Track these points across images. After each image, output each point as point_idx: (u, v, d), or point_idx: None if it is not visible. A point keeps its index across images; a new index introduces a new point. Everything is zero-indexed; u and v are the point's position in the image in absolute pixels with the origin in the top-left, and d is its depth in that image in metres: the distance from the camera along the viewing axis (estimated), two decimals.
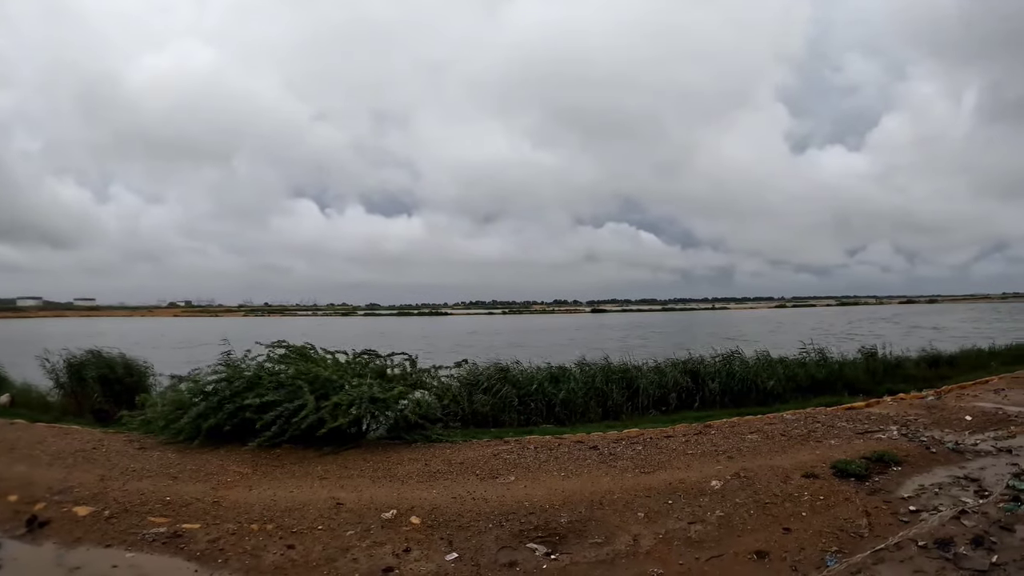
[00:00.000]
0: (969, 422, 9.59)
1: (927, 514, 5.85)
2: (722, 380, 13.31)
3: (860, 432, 9.03)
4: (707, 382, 13.21)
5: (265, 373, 9.03)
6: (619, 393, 12.43)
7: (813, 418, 10.18)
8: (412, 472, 7.41)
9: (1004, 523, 5.54)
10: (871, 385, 14.32)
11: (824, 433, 9.04)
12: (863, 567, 4.80)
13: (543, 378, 12.26)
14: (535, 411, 11.58)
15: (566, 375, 12.64)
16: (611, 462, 7.79)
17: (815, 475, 6.89)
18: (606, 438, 9.14)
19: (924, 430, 9.08)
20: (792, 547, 5.22)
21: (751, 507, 6.10)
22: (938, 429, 9.16)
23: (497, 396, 11.48)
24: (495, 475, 7.25)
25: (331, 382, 8.80)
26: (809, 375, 14.39)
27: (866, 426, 9.41)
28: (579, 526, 5.68)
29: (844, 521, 5.72)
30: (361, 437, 8.75)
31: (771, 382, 13.45)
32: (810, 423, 9.75)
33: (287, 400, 8.35)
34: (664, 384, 12.92)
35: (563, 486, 6.80)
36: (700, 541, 5.40)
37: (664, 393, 12.80)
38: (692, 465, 7.58)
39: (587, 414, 11.83)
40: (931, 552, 5.01)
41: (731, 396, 13.13)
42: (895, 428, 9.22)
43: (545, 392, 11.83)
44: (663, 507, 6.13)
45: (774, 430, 9.30)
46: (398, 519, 5.82)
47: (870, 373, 15.25)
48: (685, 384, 13.10)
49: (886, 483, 6.80)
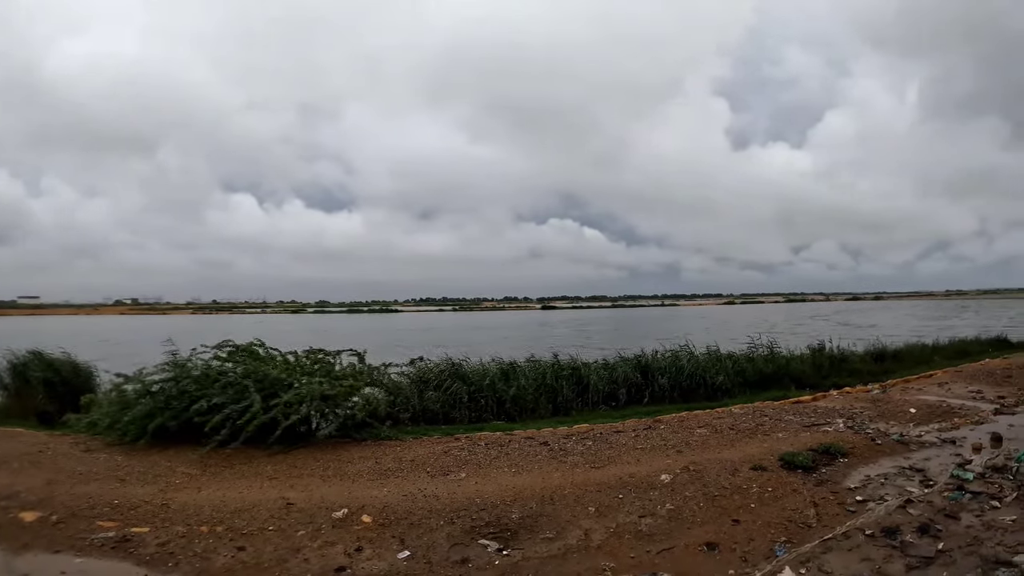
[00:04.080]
0: (914, 414, 9.98)
1: (874, 504, 6.06)
2: (671, 375, 13.61)
3: (807, 425, 9.30)
4: (656, 377, 13.49)
5: (212, 372, 8.99)
6: (569, 389, 12.63)
7: (761, 412, 10.45)
8: (363, 470, 7.43)
9: (949, 511, 5.78)
10: (818, 379, 14.84)
11: (772, 426, 9.28)
12: (812, 556, 4.94)
13: (494, 375, 12.36)
14: (486, 408, 11.67)
15: (516, 372, 12.73)
16: (561, 457, 7.87)
17: (763, 467, 7.07)
18: (556, 434, 9.22)
19: (870, 422, 9.41)
20: (742, 538, 5.35)
21: (701, 500, 6.22)
22: (883, 421, 9.51)
23: (448, 393, 11.52)
24: (446, 472, 7.31)
25: (280, 381, 8.80)
26: (757, 370, 14.86)
27: (813, 419, 9.70)
28: (530, 521, 5.74)
29: (792, 512, 5.89)
30: (311, 436, 8.73)
31: (720, 377, 13.81)
32: (758, 417, 10.00)
33: (234, 401, 8.30)
34: (614, 380, 13.17)
35: (514, 482, 6.86)
36: (651, 534, 5.49)
37: (614, 389, 13.06)
38: (642, 459, 7.70)
39: (537, 410, 11.97)
40: (878, 540, 5.19)
41: (680, 391, 13.42)
42: (841, 421, 9.52)
43: (496, 389, 11.91)
44: (614, 501, 6.22)
45: (723, 424, 9.50)
46: (349, 518, 5.82)
47: (817, 368, 15.80)
48: (635, 379, 13.39)
49: (833, 474, 7.02)
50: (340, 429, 8.83)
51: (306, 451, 8.23)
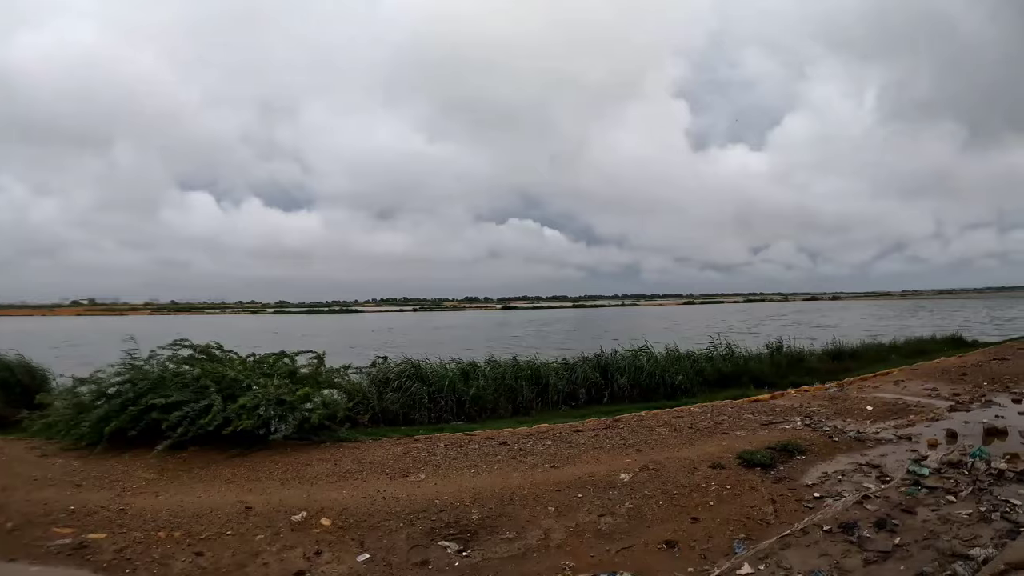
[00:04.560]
0: (870, 412, 10.14)
1: (831, 500, 6.11)
2: (631, 375, 13.71)
3: (765, 423, 9.40)
4: (616, 377, 13.59)
5: (170, 374, 8.88)
6: (529, 389, 12.63)
7: (720, 411, 10.53)
8: (322, 473, 7.38)
9: (905, 506, 5.86)
10: (776, 378, 15.02)
11: (730, 425, 9.36)
12: (770, 552, 4.96)
13: (453, 375, 12.32)
14: (446, 408, 11.63)
15: (476, 372, 12.72)
16: (521, 458, 7.84)
17: (722, 465, 7.10)
18: (516, 434, 9.20)
19: (827, 420, 9.53)
20: (701, 536, 5.35)
21: (660, 498, 6.21)
22: (841, 419, 9.63)
23: (407, 394, 11.43)
24: (405, 473, 7.28)
25: (237, 383, 8.74)
26: (716, 369, 15.04)
27: (771, 417, 9.80)
28: (490, 522, 5.73)
29: (751, 509, 5.92)
30: (269, 438, 8.66)
31: (679, 377, 13.94)
32: (717, 415, 10.07)
33: (193, 400, 8.22)
34: (574, 380, 13.25)
35: (474, 483, 6.85)
36: (610, 533, 5.48)
37: (574, 388, 13.13)
38: (601, 459, 7.69)
39: (497, 410, 11.99)
40: (836, 536, 5.23)
41: (640, 390, 13.52)
42: (799, 419, 9.62)
43: (456, 389, 11.88)
44: (573, 501, 6.20)
45: (682, 423, 9.55)
46: (308, 521, 5.77)
47: (775, 367, 16.01)
48: (594, 379, 13.48)
49: (791, 471, 7.07)
50: (299, 431, 8.74)
51: (264, 454, 8.13)
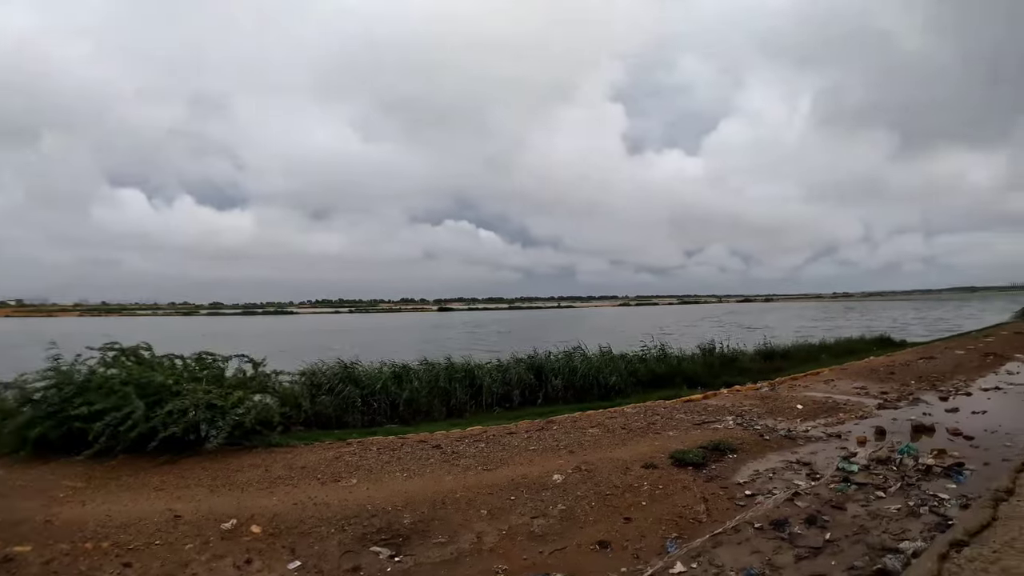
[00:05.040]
0: (801, 410, 10.36)
1: (762, 497, 6.16)
2: (565, 376, 13.78)
3: (698, 423, 9.48)
4: (550, 378, 13.64)
5: (97, 378, 8.59)
6: (463, 391, 12.62)
7: (653, 411, 10.59)
8: (252, 479, 7.20)
9: (835, 503, 5.94)
10: (709, 378, 15.32)
11: (663, 425, 9.41)
12: (702, 551, 4.94)
13: (387, 377, 12.19)
14: (379, 411, 11.51)
15: (410, 374, 12.63)
16: (454, 460, 7.76)
17: (654, 465, 7.11)
18: (449, 436, 9.12)
19: (759, 419, 9.68)
20: (633, 536, 5.33)
21: (592, 499, 6.18)
22: (772, 418, 9.80)
23: (340, 397, 11.27)
24: (337, 478, 7.16)
25: (166, 387, 8.49)
26: (650, 370, 15.26)
27: (703, 417, 9.90)
28: (422, 526, 5.66)
29: (683, 508, 5.92)
30: (199, 444, 8.45)
31: (613, 377, 14.08)
32: (650, 415, 10.13)
33: (115, 408, 7.93)
34: (508, 381, 13.24)
35: (406, 487, 6.76)
36: (543, 535, 5.42)
37: (508, 390, 13.12)
38: (535, 460, 7.64)
39: (431, 413, 11.92)
40: (767, 533, 5.26)
41: (574, 391, 13.60)
42: (731, 418, 9.75)
43: (389, 392, 11.77)
44: (506, 503, 6.13)
45: (615, 423, 9.56)
46: (238, 529, 5.62)
47: (708, 367, 16.38)
48: (528, 381, 13.49)
49: (722, 470, 7.13)
50: (229, 437, 8.50)
51: (194, 460, 7.94)
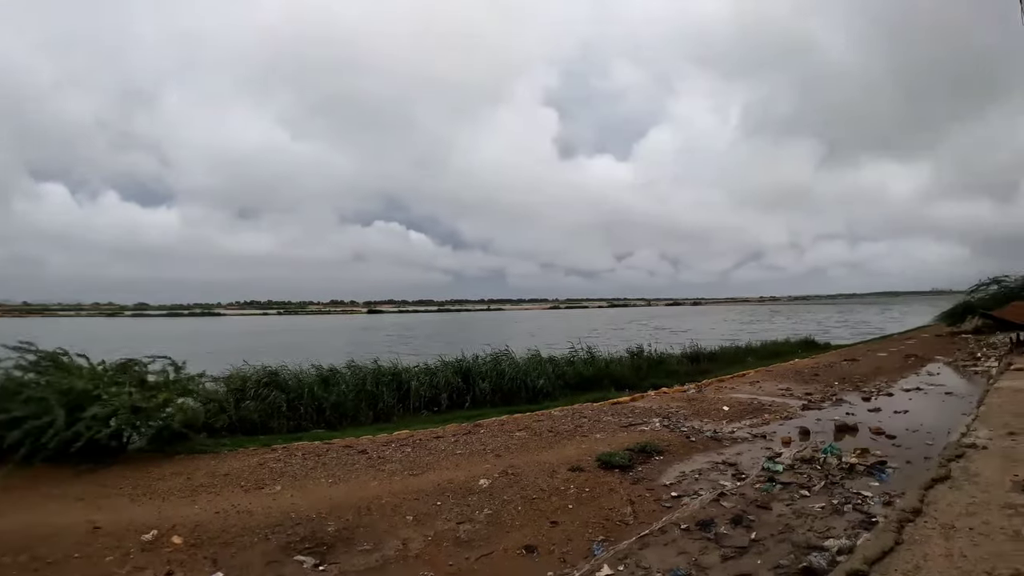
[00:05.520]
0: (727, 412, 10.56)
1: (688, 498, 6.21)
2: (492, 380, 13.73)
3: (625, 425, 9.54)
4: (478, 382, 13.57)
5: (12, 383, 8.29)
6: (390, 395, 12.44)
7: (580, 413, 10.63)
8: (174, 487, 6.98)
9: (761, 502, 6.03)
10: (637, 380, 15.55)
11: (591, 427, 9.43)
12: (629, 553, 4.93)
13: (313, 381, 11.95)
14: (305, 416, 11.24)
15: (337, 378, 12.42)
16: (380, 466, 7.62)
17: (581, 468, 7.09)
18: (376, 441, 8.96)
19: (685, 421, 9.80)
20: (560, 539, 5.29)
21: (519, 503, 6.12)
22: (698, 419, 9.95)
23: (266, 402, 10.94)
24: (261, 486, 6.99)
25: (87, 392, 8.18)
26: (577, 373, 15.35)
27: (630, 419, 9.97)
28: (347, 534, 5.55)
29: (609, 511, 5.93)
30: (122, 451, 8.24)
31: (541, 380, 14.09)
32: (577, 418, 10.15)
33: (35, 416, 7.63)
34: (435, 385, 13.12)
35: (331, 493, 6.63)
36: (469, 540, 5.35)
37: (436, 393, 13.00)
38: (461, 465, 7.56)
39: (358, 417, 11.70)
40: (693, 533, 5.29)
41: (502, 395, 13.56)
42: (658, 420, 9.85)
43: (315, 396, 11.52)
44: (432, 509, 6.04)
45: (542, 427, 9.54)
46: (159, 540, 5.41)
47: (636, 369, 16.61)
48: (456, 384, 13.40)
49: (649, 472, 7.17)
50: (152, 443, 8.36)
51: (116, 468, 7.67)
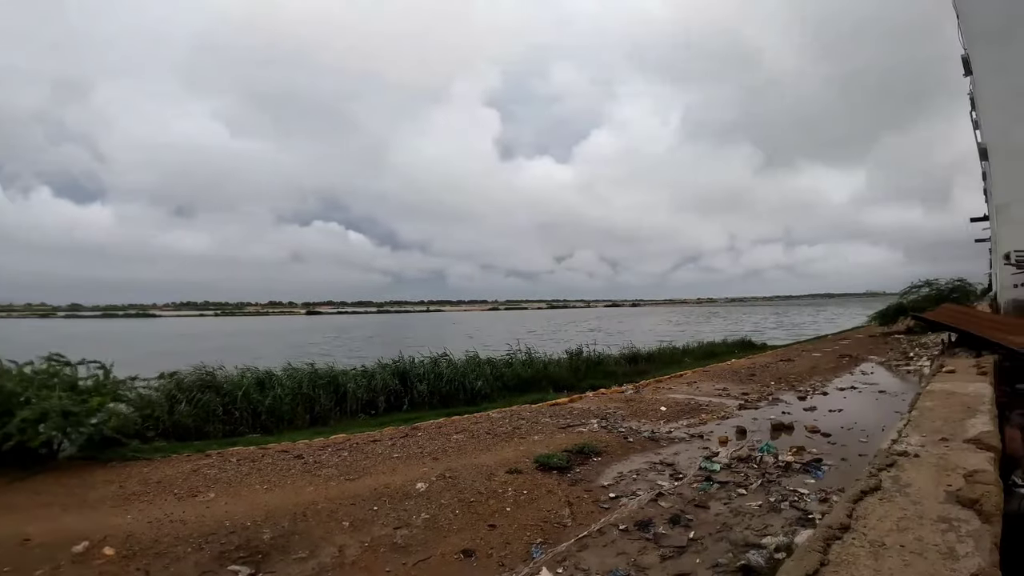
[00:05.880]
0: (664, 412, 10.67)
1: (627, 499, 6.25)
2: (431, 381, 13.69)
3: (563, 426, 9.57)
4: (416, 384, 13.51)
5: None
6: (327, 398, 12.28)
7: (518, 415, 10.63)
8: (106, 496, 6.79)
9: (698, 502, 6.11)
10: (575, 381, 15.70)
11: (529, 429, 9.43)
12: (568, 555, 4.92)
13: (249, 385, 11.71)
14: (241, 420, 11.02)
15: (273, 381, 12.22)
16: (316, 471, 7.49)
17: (519, 470, 7.08)
18: (312, 446, 8.83)
19: (623, 421, 9.89)
20: (498, 543, 5.26)
21: (457, 507, 6.07)
22: (636, 420, 10.04)
23: (200, 406, 10.70)
24: (195, 493, 6.83)
25: (15, 395, 8.03)
26: (516, 374, 15.40)
27: (568, 420, 10.01)
28: (282, 541, 5.42)
29: (548, 513, 5.92)
30: (52, 458, 8.08)
31: (479, 382, 14.13)
32: (515, 420, 10.14)
33: None
34: (373, 387, 13.03)
35: (266, 500, 6.48)
36: (406, 546, 5.28)
37: (373, 396, 12.91)
38: (398, 468, 7.48)
39: (295, 421, 11.55)
40: (632, 534, 5.31)
41: (440, 397, 13.54)
42: (596, 421, 9.90)
43: (251, 400, 11.30)
44: (369, 514, 5.95)
45: (480, 429, 9.51)
46: (91, 551, 5.24)
47: (574, 371, 16.77)
48: (394, 386, 13.33)
49: (587, 473, 7.20)
50: (83, 449, 8.17)
51: (47, 475, 7.48)
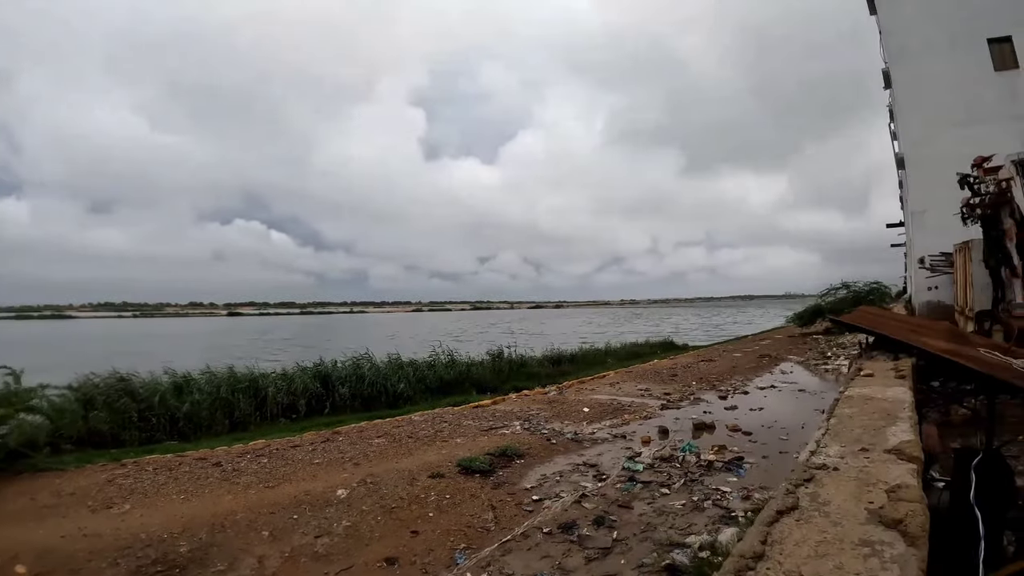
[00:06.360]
0: (587, 413, 10.82)
1: (550, 501, 6.31)
2: (352, 384, 13.51)
3: (486, 429, 9.60)
4: (337, 387, 13.32)
5: None
6: (246, 402, 11.97)
7: (441, 418, 10.59)
8: (17, 510, 6.46)
9: (622, 502, 6.22)
10: (498, 383, 15.79)
11: (451, 432, 9.41)
12: (492, 560, 4.94)
13: (166, 390, 11.32)
14: (158, 427, 10.62)
15: (191, 385, 11.85)
16: (235, 478, 7.29)
17: (441, 475, 7.05)
18: (231, 452, 8.57)
19: (546, 423, 9.97)
20: (421, 550, 5.23)
21: (378, 513, 6.01)
22: (559, 421, 10.14)
23: (116, 412, 10.26)
24: (110, 505, 6.54)
25: None
26: (438, 376, 15.31)
27: (491, 423, 10.05)
28: (200, 554, 5.27)
29: (471, 517, 5.93)
30: None
31: (401, 385, 14.01)
32: (438, 423, 10.11)
33: None
34: (293, 391, 12.77)
35: (183, 510, 6.27)
36: (328, 555, 5.20)
37: (294, 400, 12.66)
38: (318, 475, 7.34)
39: (214, 426, 11.22)
40: (556, 537, 5.37)
41: (362, 400, 13.39)
42: (519, 423, 9.97)
43: (168, 405, 10.91)
44: (288, 523, 5.82)
45: (402, 432, 9.43)
46: (2, 570, 5.03)
47: (497, 372, 16.82)
48: (315, 390, 13.11)
49: (510, 476, 7.24)
50: None
51: None
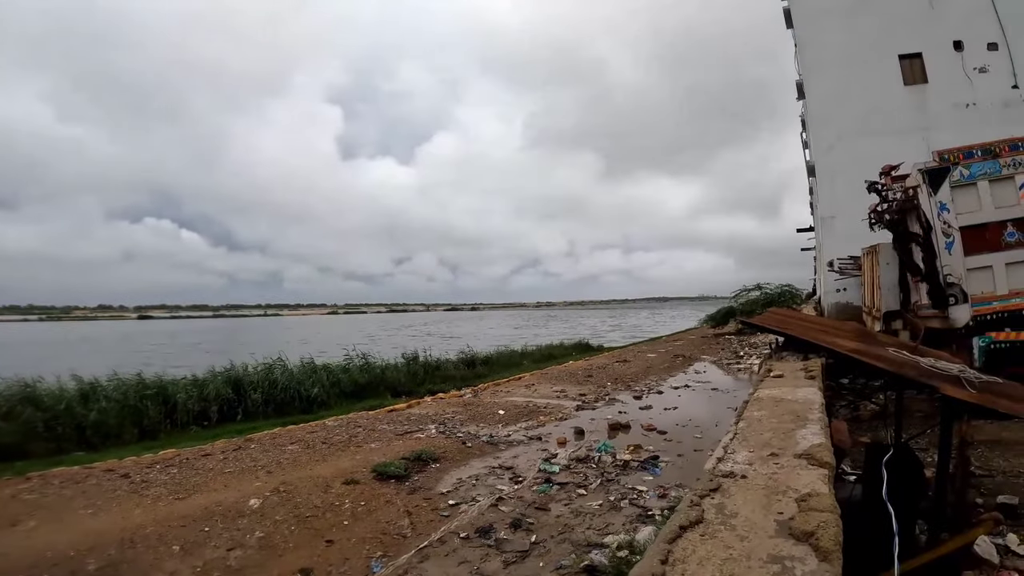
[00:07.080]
0: (503, 415, 10.96)
1: (467, 505, 6.41)
2: (265, 389, 13.30)
3: (401, 433, 9.61)
4: (250, 392, 13.08)
5: None
6: (156, 410, 11.59)
7: (355, 423, 10.55)
8: None
9: (539, 504, 6.37)
10: (413, 386, 15.80)
11: (366, 437, 9.40)
12: (409, 567, 4.99)
13: (72, 397, 10.94)
14: (65, 436, 10.18)
15: (97, 393, 11.42)
16: (144, 490, 7.05)
17: (356, 481, 7.06)
18: (140, 463, 8.28)
19: (461, 426, 10.07)
20: (336, 559, 5.23)
21: (292, 523, 5.96)
22: (475, 424, 10.25)
23: (19, 422, 9.82)
24: (15, 522, 6.22)
25: None
26: (353, 380, 15.24)
27: (407, 427, 10.06)
28: (110, 571, 5.11)
29: (387, 524, 5.96)
30: None
31: (315, 389, 13.86)
32: (352, 428, 10.07)
33: None
34: (205, 397, 12.49)
35: (91, 526, 6.04)
36: (241, 568, 5.13)
37: (205, 406, 12.37)
38: (230, 484, 7.20)
39: (122, 435, 10.81)
40: (473, 541, 5.46)
41: (275, 405, 13.19)
42: (434, 426, 10.03)
43: (74, 414, 10.49)
44: (200, 536, 5.69)
45: (316, 438, 9.35)
46: None
47: (412, 375, 16.84)
48: (227, 395, 12.83)
49: (426, 480, 7.31)
50: None
51: None
